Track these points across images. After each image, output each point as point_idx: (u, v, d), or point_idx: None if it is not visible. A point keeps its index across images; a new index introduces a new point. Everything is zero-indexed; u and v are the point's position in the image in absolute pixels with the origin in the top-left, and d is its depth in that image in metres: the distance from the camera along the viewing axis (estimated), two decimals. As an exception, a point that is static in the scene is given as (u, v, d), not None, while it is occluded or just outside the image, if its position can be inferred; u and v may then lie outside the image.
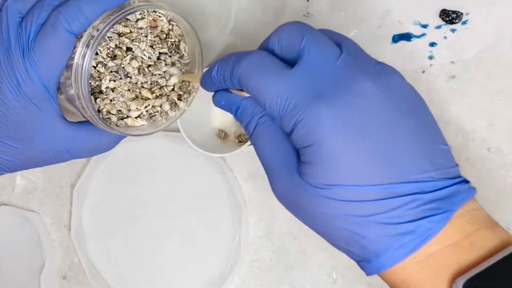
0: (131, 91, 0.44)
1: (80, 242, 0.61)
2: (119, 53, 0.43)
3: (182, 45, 0.45)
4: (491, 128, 0.52)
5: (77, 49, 0.40)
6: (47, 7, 0.39)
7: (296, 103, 0.33)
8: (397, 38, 0.53)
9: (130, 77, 0.43)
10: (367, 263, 0.34)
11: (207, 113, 0.57)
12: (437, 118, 0.54)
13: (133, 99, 0.44)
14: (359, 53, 0.35)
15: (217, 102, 0.39)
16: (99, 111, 0.43)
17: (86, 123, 0.43)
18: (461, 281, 0.32)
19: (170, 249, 0.59)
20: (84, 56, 0.40)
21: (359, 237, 0.33)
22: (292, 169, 0.35)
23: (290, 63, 0.35)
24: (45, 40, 0.39)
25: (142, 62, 0.44)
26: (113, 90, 0.43)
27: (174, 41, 0.45)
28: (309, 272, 0.56)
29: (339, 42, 0.35)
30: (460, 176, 0.34)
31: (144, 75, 0.44)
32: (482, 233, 0.33)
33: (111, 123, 0.44)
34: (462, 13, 0.52)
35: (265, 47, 0.36)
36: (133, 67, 0.43)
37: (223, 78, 0.37)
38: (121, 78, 0.43)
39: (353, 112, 0.32)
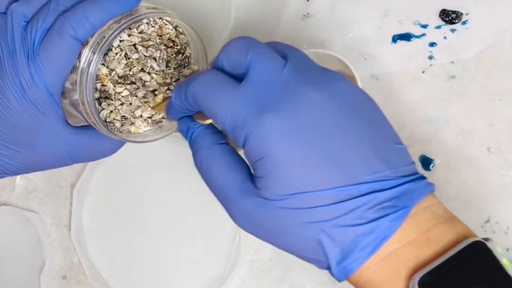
0: (141, 98, 0.43)
1: (80, 242, 0.61)
2: (133, 61, 0.43)
3: (187, 52, 0.45)
4: (491, 128, 0.52)
5: (83, 55, 0.40)
6: (53, 12, 0.39)
7: (244, 117, 0.33)
8: (397, 38, 0.53)
9: (145, 85, 0.43)
10: (335, 268, 0.35)
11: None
12: (437, 118, 0.54)
13: (139, 106, 0.44)
14: (304, 63, 0.36)
15: (180, 129, 0.40)
16: (104, 120, 0.43)
17: (89, 127, 0.43)
18: (416, 278, 0.32)
19: (170, 249, 0.59)
20: (90, 63, 0.39)
21: (322, 243, 0.33)
22: (246, 188, 0.35)
23: (240, 79, 0.35)
24: (50, 45, 0.39)
25: (153, 70, 0.44)
26: (122, 96, 0.43)
27: (180, 48, 0.45)
28: (309, 272, 0.56)
29: (285, 54, 0.36)
30: (416, 173, 0.35)
31: (157, 83, 0.44)
32: (439, 229, 0.33)
33: (114, 129, 0.44)
34: (462, 13, 0.52)
35: (216, 66, 0.37)
36: (149, 75, 0.43)
37: (180, 101, 0.38)
38: (138, 88, 0.43)
39: (299, 122, 0.33)
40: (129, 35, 0.42)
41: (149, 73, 0.43)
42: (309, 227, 0.33)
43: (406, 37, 0.53)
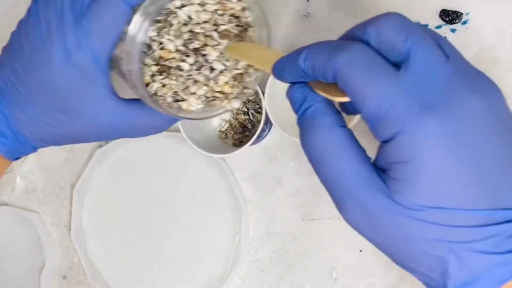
0: (203, 75, 0.40)
1: (80, 242, 0.61)
2: (198, 35, 0.40)
3: (250, 31, 0.41)
4: (491, 128, 0.52)
5: (132, 21, 0.37)
6: None
7: (400, 112, 0.29)
8: (397, 38, 0.53)
9: (209, 62, 0.40)
10: None
11: (207, 113, 0.57)
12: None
13: (196, 82, 0.40)
14: (461, 59, 0.32)
15: (291, 92, 0.34)
16: (155, 94, 0.40)
17: (139, 101, 0.41)
18: None
19: (170, 249, 0.59)
20: (139, 30, 0.37)
21: (447, 264, 0.31)
22: (374, 187, 0.31)
23: (389, 61, 0.31)
24: (99, 8, 0.36)
25: (214, 44, 0.40)
26: (179, 70, 0.40)
27: (244, 25, 0.41)
28: (309, 272, 0.56)
29: (439, 44, 0.32)
30: None
31: (220, 61, 0.40)
32: None
33: (165, 104, 0.40)
34: (462, 13, 0.52)
35: (358, 39, 0.32)
36: (215, 51, 0.40)
37: (313, 68, 0.32)
38: (202, 65, 0.40)
39: (461, 130, 0.29)
40: (184, 6, 0.39)
41: (206, 46, 0.40)
42: (437, 244, 0.30)
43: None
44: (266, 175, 0.57)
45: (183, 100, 0.41)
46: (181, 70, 0.40)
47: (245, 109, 0.56)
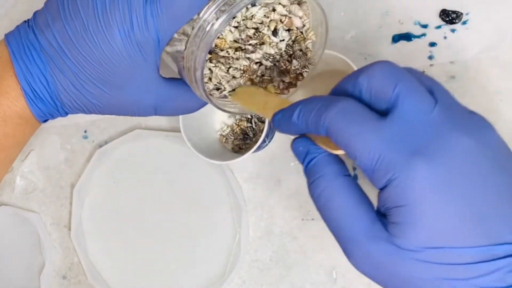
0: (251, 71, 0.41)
1: (80, 242, 0.61)
2: (264, 31, 0.40)
3: (310, 35, 0.42)
4: (491, 128, 0.52)
5: (207, 11, 0.37)
6: None
7: (390, 160, 0.31)
8: (397, 38, 0.53)
9: (272, 59, 0.41)
10: None
11: (209, 116, 0.57)
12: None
13: (243, 76, 0.41)
14: (452, 102, 0.34)
15: (294, 146, 0.37)
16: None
17: (178, 81, 0.41)
18: None
19: (170, 249, 0.59)
20: (214, 21, 0.37)
21: None
22: (375, 232, 0.33)
23: (379, 109, 0.33)
24: None
25: (276, 46, 0.41)
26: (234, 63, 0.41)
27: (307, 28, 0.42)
28: (309, 272, 0.56)
29: (431, 89, 0.33)
30: None
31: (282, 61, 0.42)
32: None
33: (209, 92, 0.41)
34: (462, 13, 0.52)
35: (351, 88, 0.34)
36: (272, 50, 0.41)
37: (306, 125, 0.34)
38: (263, 61, 0.40)
39: (450, 172, 0.31)
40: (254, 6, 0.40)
41: (263, 44, 0.41)
42: (439, 282, 0.31)
43: (406, 37, 0.53)
44: (266, 175, 0.57)
45: (224, 89, 0.42)
46: (233, 60, 0.40)
47: (249, 116, 0.56)
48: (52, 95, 0.39)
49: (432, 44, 0.53)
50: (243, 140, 0.57)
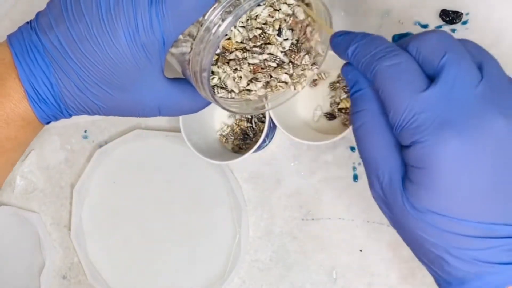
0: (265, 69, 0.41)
1: (80, 242, 0.61)
2: (269, 32, 0.40)
3: (309, 29, 0.42)
4: (491, 128, 0.52)
5: (213, 13, 0.37)
6: None
7: (421, 123, 0.32)
8: (397, 38, 0.53)
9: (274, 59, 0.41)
10: (447, 285, 0.35)
11: (209, 116, 0.57)
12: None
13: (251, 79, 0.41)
14: (499, 80, 0.34)
15: (344, 72, 0.38)
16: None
17: (182, 81, 0.41)
18: None
19: (170, 249, 0.59)
20: (222, 22, 0.37)
21: (446, 264, 0.34)
22: (395, 179, 0.35)
23: (427, 73, 0.34)
24: None
25: (281, 45, 0.41)
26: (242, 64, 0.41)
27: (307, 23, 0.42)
28: (309, 272, 0.56)
29: (481, 62, 0.34)
30: None
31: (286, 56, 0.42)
32: None
33: (214, 92, 0.41)
34: (462, 13, 0.52)
35: (403, 49, 0.35)
36: (282, 48, 0.41)
37: (357, 62, 0.36)
38: (268, 62, 0.41)
39: (477, 149, 0.32)
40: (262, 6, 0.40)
41: (269, 44, 0.41)
42: (440, 246, 0.33)
43: (406, 37, 0.53)
44: (266, 175, 0.57)
45: (231, 91, 0.42)
46: (239, 62, 0.40)
47: (249, 117, 0.56)
48: (55, 97, 0.39)
49: (432, 44, 0.53)
50: (243, 140, 0.57)
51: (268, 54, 0.41)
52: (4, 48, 0.40)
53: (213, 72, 0.41)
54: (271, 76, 0.43)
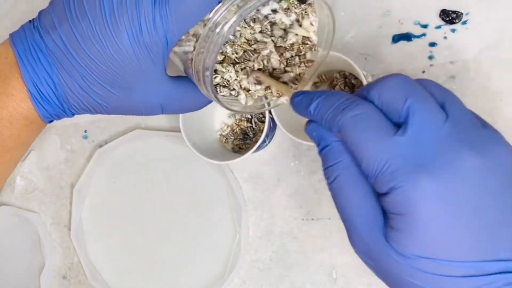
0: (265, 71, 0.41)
1: (80, 242, 0.61)
2: (272, 36, 0.41)
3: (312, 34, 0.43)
4: (491, 128, 0.52)
5: (218, 12, 0.37)
6: None
7: (395, 169, 0.32)
8: (397, 38, 0.53)
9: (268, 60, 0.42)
10: None
11: (209, 116, 0.57)
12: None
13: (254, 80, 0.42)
14: (464, 117, 0.34)
15: (308, 131, 0.38)
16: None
17: (184, 79, 0.41)
18: None
19: (170, 249, 0.59)
20: (225, 22, 0.37)
21: None
22: (376, 229, 0.34)
23: (391, 119, 0.34)
24: None
25: (285, 50, 0.42)
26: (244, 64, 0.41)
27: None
28: (309, 272, 0.56)
29: (443, 102, 0.34)
30: None
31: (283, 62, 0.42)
32: None
33: (217, 91, 0.41)
34: (462, 13, 0.52)
35: (364, 98, 0.35)
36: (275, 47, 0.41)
37: (320, 118, 0.36)
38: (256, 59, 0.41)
39: (453, 188, 0.31)
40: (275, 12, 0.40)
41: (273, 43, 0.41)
42: None
43: (406, 37, 0.53)
44: (266, 175, 0.57)
45: (233, 90, 0.42)
46: (247, 62, 0.41)
47: (249, 116, 0.56)
48: (58, 97, 0.39)
49: (432, 44, 0.53)
50: (243, 140, 0.57)
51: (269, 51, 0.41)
52: (6, 47, 0.40)
53: (215, 71, 0.41)
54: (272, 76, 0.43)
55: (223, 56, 0.41)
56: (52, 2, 0.39)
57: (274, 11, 0.41)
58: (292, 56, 0.43)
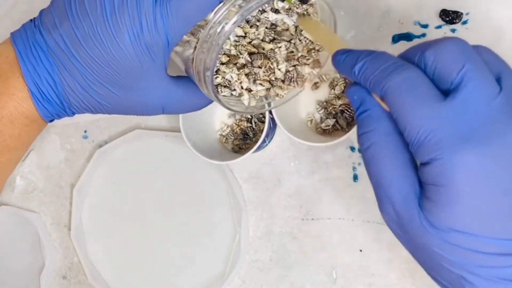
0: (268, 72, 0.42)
1: (80, 242, 0.61)
2: (275, 36, 0.41)
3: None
4: (491, 128, 0.52)
5: (221, 12, 0.37)
6: None
7: (439, 140, 0.31)
8: (397, 38, 0.53)
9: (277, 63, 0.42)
10: None
11: (209, 116, 0.57)
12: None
13: (254, 79, 0.42)
14: None
15: (348, 93, 0.36)
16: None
17: (185, 79, 0.41)
18: None
19: (170, 249, 0.59)
20: (226, 24, 0.37)
21: (467, 283, 0.32)
22: (411, 199, 0.33)
23: (440, 86, 0.33)
24: None
25: (287, 49, 0.42)
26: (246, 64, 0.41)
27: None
28: (309, 272, 0.56)
29: (499, 73, 0.33)
30: None
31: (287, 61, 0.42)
32: None
33: (218, 91, 0.41)
34: (462, 13, 0.52)
35: (417, 60, 0.33)
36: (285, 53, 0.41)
37: (364, 80, 0.34)
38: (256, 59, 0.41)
39: (497, 165, 0.31)
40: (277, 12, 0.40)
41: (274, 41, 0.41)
42: (459, 264, 0.32)
43: (406, 37, 0.53)
44: (266, 175, 0.57)
45: (234, 90, 0.42)
46: (250, 65, 0.41)
47: (249, 117, 0.56)
48: (59, 96, 0.39)
49: (432, 44, 0.53)
50: (243, 140, 0.57)
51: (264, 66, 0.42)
52: (7, 46, 0.40)
53: (217, 72, 0.41)
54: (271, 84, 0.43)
55: (228, 58, 0.41)
56: (53, 1, 0.39)
57: (276, 11, 0.41)
58: (298, 58, 0.43)
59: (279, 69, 0.42)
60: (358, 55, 0.35)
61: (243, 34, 0.40)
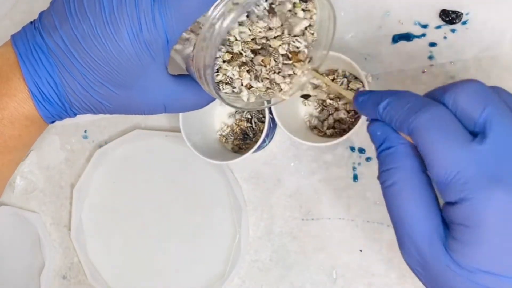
0: (269, 69, 0.42)
1: (80, 242, 0.61)
2: (275, 32, 0.41)
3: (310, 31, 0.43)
4: (491, 128, 0.52)
5: (219, 8, 0.37)
6: None
7: (468, 179, 0.31)
8: (397, 38, 0.53)
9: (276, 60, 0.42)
10: None
11: (209, 116, 0.57)
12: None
13: (256, 76, 0.42)
14: None
15: (372, 130, 0.36)
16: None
17: (185, 78, 0.41)
18: None
19: (170, 249, 0.59)
20: (225, 18, 0.37)
21: None
22: (436, 239, 0.33)
23: (463, 124, 0.33)
24: None
25: (288, 45, 0.42)
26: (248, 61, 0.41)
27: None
28: (309, 272, 0.56)
29: None
30: None
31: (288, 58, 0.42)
32: None
33: (219, 88, 0.41)
34: (462, 13, 0.52)
35: (436, 100, 0.33)
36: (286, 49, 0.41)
37: (390, 119, 0.34)
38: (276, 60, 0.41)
39: None
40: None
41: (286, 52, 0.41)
42: None
43: (406, 37, 0.53)
44: (266, 175, 0.57)
45: (234, 87, 0.42)
46: (251, 63, 0.41)
47: (249, 116, 0.56)
48: (60, 97, 0.39)
49: (432, 44, 0.53)
50: (243, 140, 0.57)
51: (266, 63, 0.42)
52: (8, 48, 0.40)
53: (218, 69, 0.41)
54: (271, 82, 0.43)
55: (231, 55, 0.41)
56: (53, 3, 0.39)
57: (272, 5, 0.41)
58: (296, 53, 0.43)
59: (284, 64, 0.42)
60: (382, 94, 0.35)
61: (245, 31, 0.41)
